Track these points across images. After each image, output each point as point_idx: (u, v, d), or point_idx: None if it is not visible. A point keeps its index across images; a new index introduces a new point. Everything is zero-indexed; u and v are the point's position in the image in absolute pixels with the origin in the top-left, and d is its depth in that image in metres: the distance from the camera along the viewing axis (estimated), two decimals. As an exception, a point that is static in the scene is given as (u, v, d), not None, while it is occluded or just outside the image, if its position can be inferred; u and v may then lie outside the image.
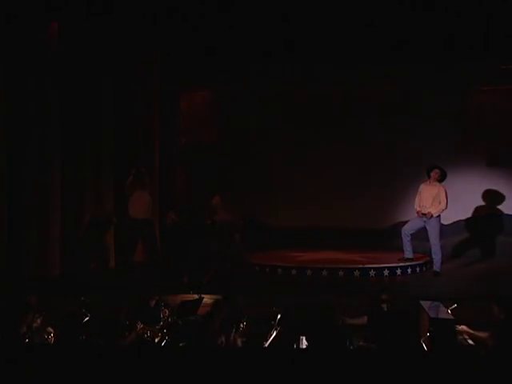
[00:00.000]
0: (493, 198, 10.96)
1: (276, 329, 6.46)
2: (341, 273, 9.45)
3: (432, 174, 9.37)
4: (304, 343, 6.10)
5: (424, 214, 9.33)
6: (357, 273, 9.44)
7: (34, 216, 9.12)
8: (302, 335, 6.08)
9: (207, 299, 7.10)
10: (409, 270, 9.67)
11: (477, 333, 6.07)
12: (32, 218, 9.11)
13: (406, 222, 10.03)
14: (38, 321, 6.22)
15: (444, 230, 9.86)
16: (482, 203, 11.11)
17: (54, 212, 9.34)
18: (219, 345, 5.97)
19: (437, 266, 9.45)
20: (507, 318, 5.83)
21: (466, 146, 10.94)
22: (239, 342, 6.44)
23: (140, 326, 6.20)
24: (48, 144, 9.22)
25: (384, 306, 6.62)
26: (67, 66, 9.36)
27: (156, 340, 6.24)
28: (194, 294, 7.25)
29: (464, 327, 6.07)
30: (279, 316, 6.57)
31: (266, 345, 6.29)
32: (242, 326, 6.55)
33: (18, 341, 5.50)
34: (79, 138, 9.85)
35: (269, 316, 6.63)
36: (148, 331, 6.27)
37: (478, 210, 11.16)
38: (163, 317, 6.67)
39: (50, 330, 6.28)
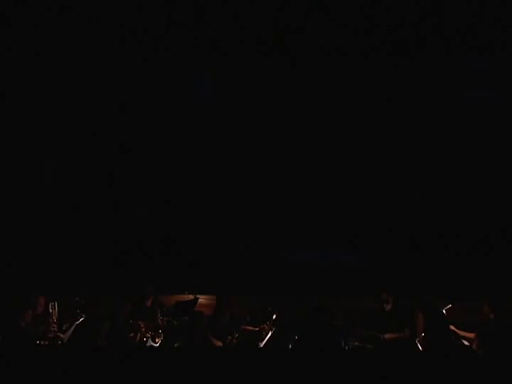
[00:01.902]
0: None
1: (271, 329, 6.47)
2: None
3: None
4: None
5: None
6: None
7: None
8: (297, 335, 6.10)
9: (202, 299, 7.11)
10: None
11: (465, 333, 6.10)
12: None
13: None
14: (36, 320, 6.25)
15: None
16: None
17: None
18: (214, 345, 6.00)
19: None
20: (497, 318, 5.88)
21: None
22: (234, 342, 6.46)
23: (142, 326, 6.22)
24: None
25: (385, 305, 6.63)
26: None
27: (157, 340, 6.25)
28: (188, 294, 7.24)
29: (452, 327, 6.10)
30: (274, 316, 6.59)
31: (262, 345, 6.30)
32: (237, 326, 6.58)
33: (15, 339, 5.53)
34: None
35: (264, 316, 6.64)
36: (150, 331, 6.29)
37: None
38: (158, 317, 6.69)
39: (47, 328, 6.30)
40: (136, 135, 10.44)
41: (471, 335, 6.00)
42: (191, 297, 7.06)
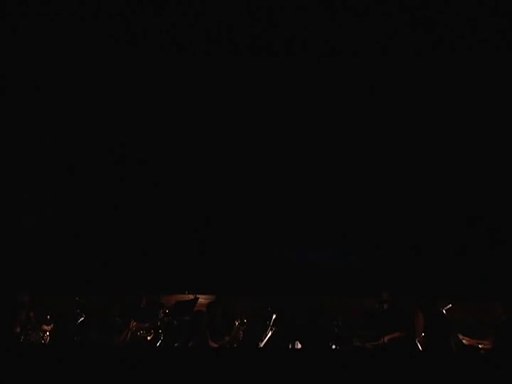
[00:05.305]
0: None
1: (271, 329, 6.47)
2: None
3: None
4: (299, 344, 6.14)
5: None
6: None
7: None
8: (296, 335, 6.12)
9: (202, 299, 7.11)
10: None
11: (478, 341, 6.05)
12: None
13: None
14: (33, 320, 6.28)
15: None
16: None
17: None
18: (214, 345, 6.00)
19: None
20: (510, 319, 5.82)
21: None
22: (234, 342, 6.47)
23: (133, 324, 6.23)
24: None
25: (385, 305, 6.63)
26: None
27: (149, 338, 6.28)
28: (189, 294, 7.25)
29: (467, 338, 6.06)
30: (274, 316, 6.58)
31: (262, 345, 6.30)
32: (236, 326, 6.58)
33: (12, 340, 5.54)
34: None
35: (264, 316, 6.64)
36: (141, 329, 6.32)
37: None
38: (158, 317, 6.70)
39: (46, 328, 6.33)
40: (133, 138, 10.47)
41: (483, 342, 5.95)
42: (191, 297, 7.07)
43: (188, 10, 9.40)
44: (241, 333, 6.58)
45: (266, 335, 6.40)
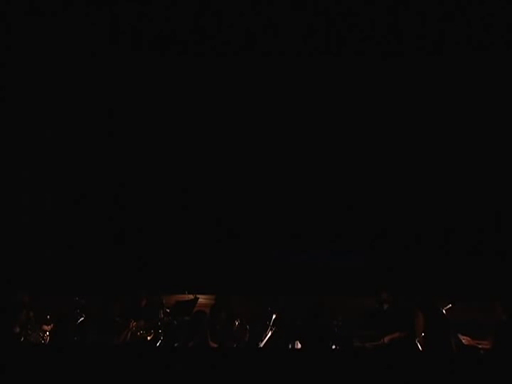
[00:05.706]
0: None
1: (271, 329, 6.47)
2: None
3: None
4: (299, 344, 6.14)
5: None
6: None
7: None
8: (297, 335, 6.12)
9: (202, 299, 7.11)
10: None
11: (478, 341, 6.05)
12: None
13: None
14: (33, 320, 6.28)
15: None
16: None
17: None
18: (214, 345, 6.01)
19: None
20: (509, 318, 5.83)
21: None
22: (234, 342, 6.47)
23: (133, 324, 6.24)
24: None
25: (385, 305, 6.63)
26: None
27: (149, 338, 6.29)
28: (189, 294, 7.25)
29: (467, 338, 6.06)
30: (274, 316, 6.58)
31: (262, 345, 6.30)
32: (236, 326, 6.59)
33: (12, 340, 5.54)
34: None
35: (264, 316, 6.64)
36: (141, 329, 6.33)
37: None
38: (158, 317, 6.70)
39: (46, 328, 6.34)
40: (134, 136, 10.46)
41: (484, 343, 5.95)
42: (191, 297, 7.07)
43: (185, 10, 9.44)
44: (244, 333, 6.59)
45: (266, 335, 6.39)
